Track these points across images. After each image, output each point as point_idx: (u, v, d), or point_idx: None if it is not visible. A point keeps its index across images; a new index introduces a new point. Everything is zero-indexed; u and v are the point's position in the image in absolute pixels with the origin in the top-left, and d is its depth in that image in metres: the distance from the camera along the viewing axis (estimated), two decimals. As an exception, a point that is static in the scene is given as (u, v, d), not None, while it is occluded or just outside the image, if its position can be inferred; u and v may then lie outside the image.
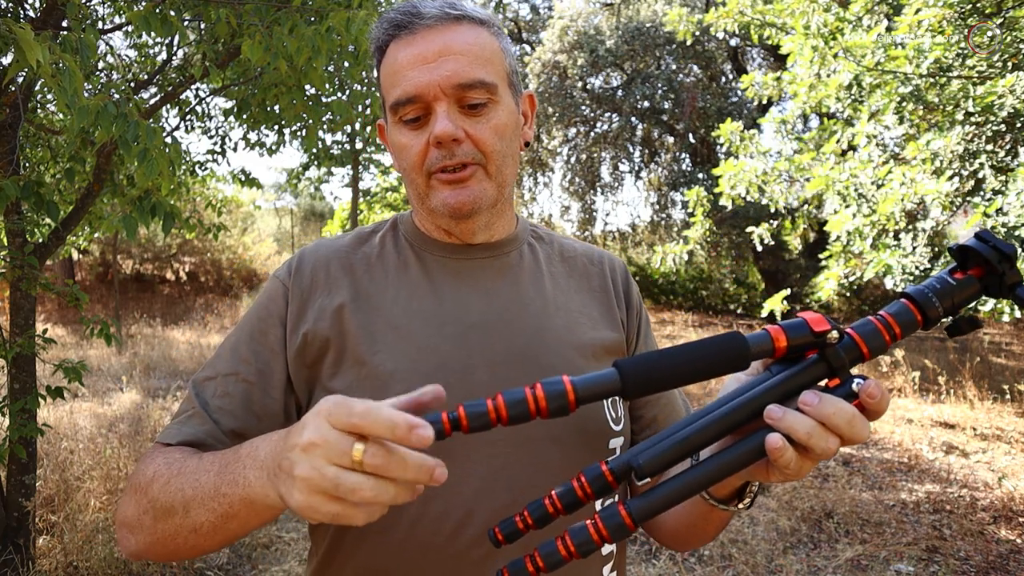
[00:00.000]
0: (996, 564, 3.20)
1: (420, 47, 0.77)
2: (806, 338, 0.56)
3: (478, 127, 0.78)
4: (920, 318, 0.57)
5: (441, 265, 0.86)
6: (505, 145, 0.81)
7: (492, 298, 0.85)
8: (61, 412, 5.29)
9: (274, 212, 24.46)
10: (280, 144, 5.36)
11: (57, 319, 11.51)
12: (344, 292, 0.83)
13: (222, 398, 0.80)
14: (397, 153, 0.83)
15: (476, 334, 0.81)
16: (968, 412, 5.75)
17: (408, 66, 0.78)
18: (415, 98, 0.77)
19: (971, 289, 0.56)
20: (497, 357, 0.80)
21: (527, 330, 0.83)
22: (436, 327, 0.81)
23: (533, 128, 0.90)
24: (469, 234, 0.86)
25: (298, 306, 0.83)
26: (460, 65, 0.77)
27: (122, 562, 3.00)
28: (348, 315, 0.82)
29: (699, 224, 6.95)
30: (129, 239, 2.54)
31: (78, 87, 1.83)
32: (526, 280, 0.88)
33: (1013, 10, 3.76)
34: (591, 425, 0.81)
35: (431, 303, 0.83)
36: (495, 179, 0.81)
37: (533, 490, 0.77)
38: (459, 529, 0.75)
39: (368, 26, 2.64)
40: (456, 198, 0.79)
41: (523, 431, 0.77)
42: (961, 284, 0.56)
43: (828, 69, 4.73)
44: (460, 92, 0.77)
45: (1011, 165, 3.94)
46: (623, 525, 0.56)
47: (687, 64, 13.04)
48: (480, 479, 0.76)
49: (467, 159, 0.78)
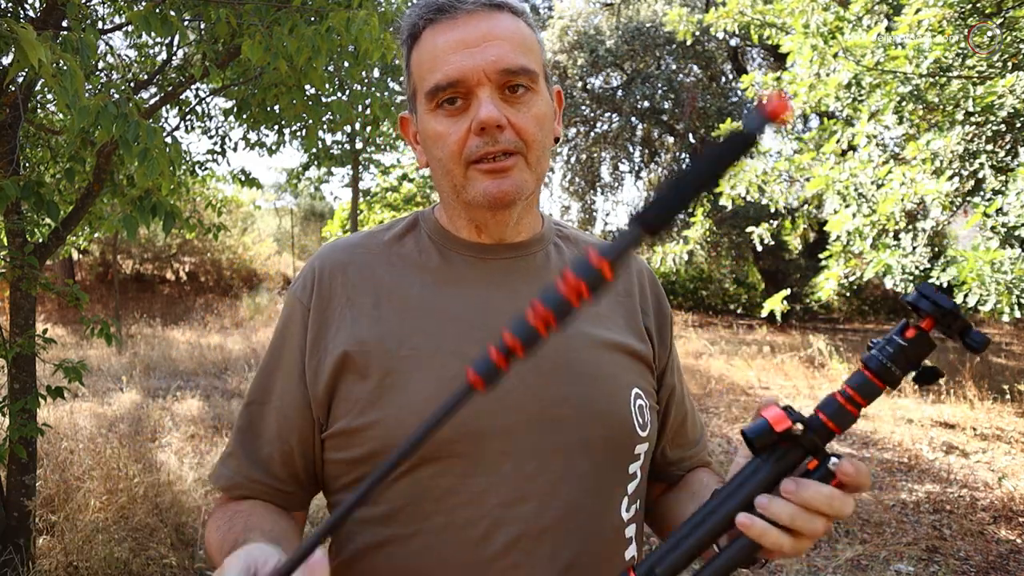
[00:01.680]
0: (996, 564, 3.20)
1: (462, 32, 0.75)
2: (771, 438, 0.60)
3: (520, 115, 0.76)
4: (881, 384, 0.60)
5: (467, 265, 0.84)
6: (544, 135, 0.79)
7: (520, 300, 0.82)
8: (61, 412, 5.29)
9: (274, 212, 24.45)
10: (280, 144, 5.36)
11: (57, 319, 11.51)
12: (366, 298, 0.82)
13: (249, 431, 0.85)
14: (432, 142, 0.79)
15: None
16: (968, 412, 5.75)
17: (450, 50, 0.75)
18: (458, 82, 0.75)
19: (923, 344, 0.59)
20: (527, 361, 0.80)
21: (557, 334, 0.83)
22: (462, 330, 0.79)
23: (561, 124, 0.89)
24: (501, 226, 0.83)
25: (317, 327, 0.82)
26: (504, 51, 0.75)
27: (122, 562, 2.99)
28: (371, 323, 0.80)
29: (699, 224, 6.96)
30: (129, 239, 2.54)
31: (79, 87, 1.83)
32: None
33: (1013, 10, 3.76)
34: (618, 432, 0.80)
35: (457, 304, 0.81)
36: (535, 170, 0.79)
37: (560, 499, 0.76)
38: (485, 539, 0.74)
39: (368, 26, 2.64)
40: (498, 187, 0.76)
41: (549, 439, 0.77)
42: (912, 343, 0.59)
43: (828, 69, 4.73)
44: (505, 77, 0.75)
45: (1011, 165, 3.94)
46: None
47: (687, 64, 13.05)
48: (507, 489, 0.75)
49: (509, 147, 0.76)
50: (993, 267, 3.48)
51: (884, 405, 6.11)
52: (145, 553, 3.08)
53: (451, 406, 0.54)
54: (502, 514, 0.74)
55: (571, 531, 0.76)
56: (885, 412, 5.89)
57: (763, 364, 7.96)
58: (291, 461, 0.82)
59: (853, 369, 4.63)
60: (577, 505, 0.77)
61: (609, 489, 0.80)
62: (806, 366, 7.74)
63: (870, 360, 0.60)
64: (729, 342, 9.79)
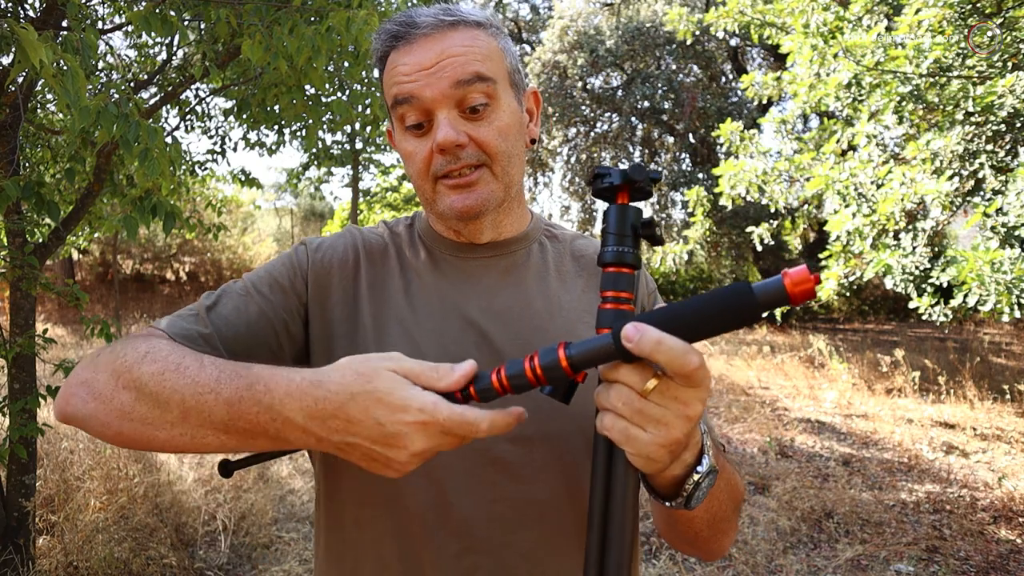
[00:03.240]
0: (996, 564, 3.20)
1: (418, 55, 0.79)
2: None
3: (480, 129, 0.79)
4: (629, 270, 0.64)
5: (448, 263, 0.89)
6: (509, 145, 0.82)
7: (492, 297, 0.86)
8: (61, 412, 5.29)
9: (274, 212, 24.46)
10: (280, 144, 5.36)
11: (57, 319, 11.52)
12: (363, 279, 0.87)
13: (232, 311, 0.80)
14: (404, 160, 0.85)
15: (474, 332, 0.83)
16: (968, 412, 5.75)
17: (407, 73, 0.79)
18: (411, 97, 0.78)
19: (626, 214, 0.64)
20: (495, 356, 0.81)
21: (526, 329, 0.84)
22: (437, 323, 0.83)
23: (539, 125, 0.91)
24: (476, 233, 0.88)
25: (326, 278, 0.86)
26: (456, 67, 0.78)
27: (122, 562, 3.00)
28: (364, 303, 0.85)
29: (699, 224, 6.96)
30: (130, 239, 2.54)
31: (81, 87, 1.83)
32: (531, 279, 0.89)
33: (1013, 10, 3.76)
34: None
35: (435, 299, 0.85)
36: (502, 179, 0.82)
37: (533, 508, 0.79)
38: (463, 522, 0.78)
39: (368, 26, 2.64)
40: (463, 202, 0.80)
41: (519, 440, 0.79)
42: (618, 218, 0.64)
43: (828, 69, 4.73)
44: (460, 91, 0.78)
45: (1011, 165, 3.95)
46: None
47: (687, 64, 13.05)
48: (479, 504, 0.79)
49: (472, 161, 0.79)
50: (993, 267, 3.48)
51: (884, 405, 6.11)
52: (145, 553, 3.08)
53: None
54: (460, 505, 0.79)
55: (532, 518, 0.80)
56: (885, 412, 5.89)
57: (763, 364, 7.96)
58: (252, 353, 0.80)
59: (853, 369, 4.63)
60: (538, 487, 0.80)
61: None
62: (806, 366, 7.75)
63: (604, 256, 0.64)
64: (729, 342, 9.80)
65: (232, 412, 0.63)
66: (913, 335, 10.98)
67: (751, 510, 3.86)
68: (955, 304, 3.82)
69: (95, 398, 0.68)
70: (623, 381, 0.58)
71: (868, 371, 7.26)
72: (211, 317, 0.79)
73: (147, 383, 0.66)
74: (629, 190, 0.63)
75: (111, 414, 0.67)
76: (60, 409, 0.70)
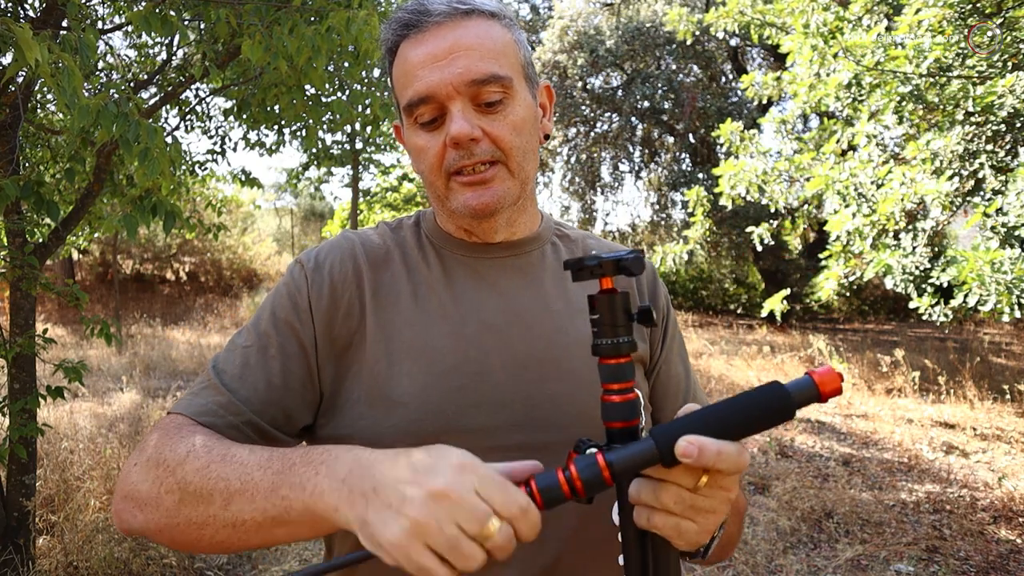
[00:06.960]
0: (996, 564, 3.20)
1: (430, 45, 0.75)
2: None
3: (495, 124, 0.76)
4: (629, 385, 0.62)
5: (460, 264, 0.85)
6: (524, 140, 0.79)
7: (511, 299, 0.83)
8: (61, 412, 5.29)
9: (274, 212, 24.46)
10: (280, 144, 5.36)
11: (57, 319, 11.52)
12: (367, 287, 0.82)
13: (241, 367, 0.77)
14: (415, 155, 0.81)
15: (494, 335, 0.80)
16: (968, 412, 5.75)
17: (419, 66, 0.76)
18: (428, 98, 0.75)
19: (615, 301, 0.61)
20: (515, 359, 0.79)
21: (547, 332, 0.81)
22: (453, 327, 0.80)
23: (552, 120, 0.88)
24: (490, 232, 0.84)
25: (328, 298, 0.81)
26: (472, 61, 0.74)
27: (122, 562, 2.99)
28: (369, 312, 0.80)
29: (699, 224, 6.96)
30: (130, 239, 2.54)
31: (77, 87, 1.82)
32: (548, 280, 0.86)
33: (1013, 10, 3.76)
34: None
35: (449, 302, 0.82)
36: (517, 176, 0.79)
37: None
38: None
39: (368, 26, 2.65)
40: (478, 199, 0.77)
41: (534, 438, 0.77)
42: (610, 305, 0.62)
43: (828, 69, 4.73)
44: (474, 89, 0.75)
45: (1011, 165, 3.95)
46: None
47: (687, 64, 13.05)
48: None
49: (486, 157, 0.76)
50: (993, 267, 3.48)
51: (884, 405, 6.11)
52: (145, 553, 3.08)
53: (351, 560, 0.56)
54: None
55: (554, 534, 0.75)
56: (885, 412, 5.89)
57: (763, 364, 7.96)
58: (273, 404, 0.78)
59: (853, 369, 4.62)
60: (562, 508, 0.77)
61: None
62: (806, 366, 7.74)
63: (600, 352, 0.62)
64: (729, 342, 9.80)
65: (280, 477, 0.61)
66: (913, 335, 10.97)
67: (751, 510, 3.86)
68: (955, 304, 3.82)
69: (143, 508, 0.68)
70: (676, 482, 0.58)
71: (868, 371, 7.26)
72: (225, 382, 0.76)
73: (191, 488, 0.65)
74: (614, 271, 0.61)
75: (169, 523, 0.67)
76: (118, 526, 0.72)
